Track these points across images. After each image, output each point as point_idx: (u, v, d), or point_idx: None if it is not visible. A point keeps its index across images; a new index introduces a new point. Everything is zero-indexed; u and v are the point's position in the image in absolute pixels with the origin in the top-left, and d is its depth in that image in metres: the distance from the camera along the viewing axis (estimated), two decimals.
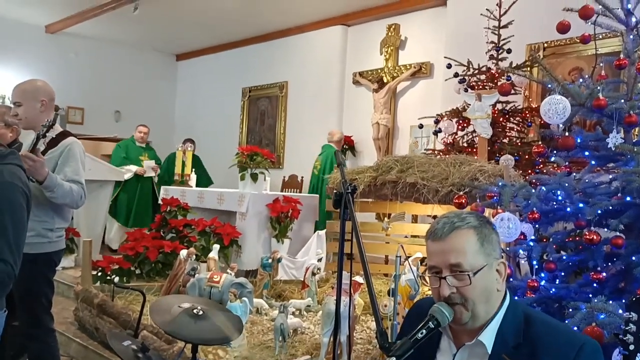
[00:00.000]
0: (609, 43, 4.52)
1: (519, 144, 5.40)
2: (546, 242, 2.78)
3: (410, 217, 6.16)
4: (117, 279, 4.74)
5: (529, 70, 5.51)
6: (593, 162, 2.79)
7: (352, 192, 1.78)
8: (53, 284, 2.95)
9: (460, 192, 4.15)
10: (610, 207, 2.45)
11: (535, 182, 2.88)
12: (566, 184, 2.65)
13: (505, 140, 5.43)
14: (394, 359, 1.29)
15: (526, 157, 5.09)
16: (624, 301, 2.27)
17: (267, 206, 5.77)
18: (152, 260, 5.13)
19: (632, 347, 1.33)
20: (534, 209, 2.61)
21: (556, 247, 2.73)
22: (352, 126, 7.97)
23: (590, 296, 2.37)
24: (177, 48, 11.04)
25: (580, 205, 2.55)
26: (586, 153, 2.77)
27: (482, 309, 1.37)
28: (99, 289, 4.41)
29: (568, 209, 2.61)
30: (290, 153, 9.23)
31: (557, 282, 2.64)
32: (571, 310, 2.24)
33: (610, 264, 2.51)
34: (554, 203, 2.68)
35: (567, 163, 2.90)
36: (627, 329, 1.35)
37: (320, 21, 8.61)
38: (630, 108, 2.57)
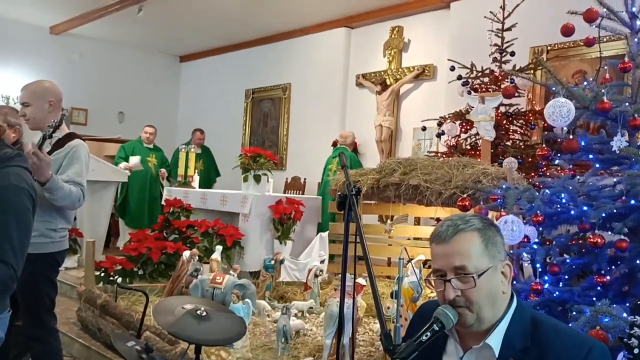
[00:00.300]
0: (613, 46, 4.50)
1: (522, 146, 5.40)
2: (550, 245, 2.77)
3: (413, 219, 6.15)
4: (120, 280, 4.76)
5: (532, 72, 5.51)
6: (597, 165, 2.78)
7: (356, 194, 1.77)
8: (56, 284, 2.95)
9: (463, 194, 4.14)
10: (615, 210, 2.45)
11: (539, 185, 2.88)
12: (570, 187, 2.64)
13: (509, 143, 5.43)
14: None
15: (529, 159, 5.08)
16: (628, 305, 2.27)
17: (270, 208, 5.77)
18: (155, 261, 5.15)
19: (636, 351, 1.32)
20: (538, 211, 2.60)
21: (560, 250, 2.72)
22: (355, 128, 7.96)
23: (594, 299, 2.36)
24: (180, 49, 11.06)
25: (585, 208, 2.54)
26: (590, 156, 2.76)
27: (487, 311, 1.37)
28: (102, 290, 4.42)
29: (572, 212, 2.60)
30: (293, 155, 9.23)
31: (561, 285, 2.63)
32: (575, 314, 2.24)
33: (614, 268, 2.50)
34: (558, 206, 2.67)
35: (571, 166, 2.89)
36: (631, 332, 1.35)
37: (324, 23, 8.62)
38: (635, 111, 2.56)
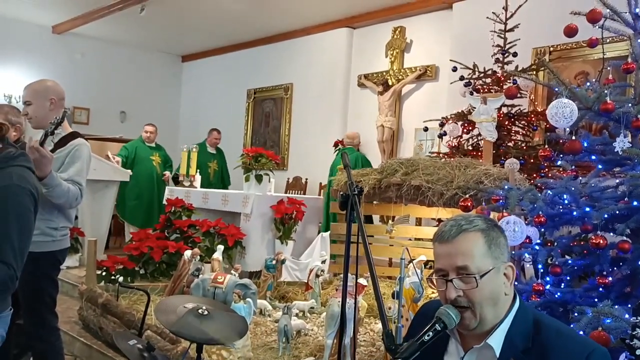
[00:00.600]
0: (616, 47, 4.50)
1: (524, 147, 5.39)
2: (552, 246, 2.77)
3: (414, 219, 6.15)
4: (121, 279, 4.76)
5: (535, 73, 5.50)
6: (600, 166, 2.77)
7: (359, 194, 1.77)
8: (57, 283, 2.95)
9: (465, 195, 4.13)
10: (617, 212, 2.44)
11: (542, 186, 2.87)
12: (572, 188, 2.64)
13: (511, 144, 5.42)
14: None
15: (531, 160, 5.08)
16: (630, 306, 2.27)
17: (272, 207, 5.77)
18: (157, 261, 5.15)
19: (638, 352, 1.32)
20: (540, 212, 2.60)
21: (562, 251, 2.72)
22: (356, 128, 7.96)
23: (596, 300, 2.36)
24: (182, 49, 11.07)
25: (587, 209, 2.54)
26: (593, 157, 2.75)
27: (489, 312, 1.36)
28: (104, 289, 4.42)
29: (574, 213, 2.59)
30: (294, 155, 9.23)
31: (563, 286, 2.62)
32: (577, 315, 2.23)
33: (616, 269, 2.50)
34: (560, 207, 2.67)
35: (573, 167, 2.88)
36: (634, 333, 1.34)
37: (326, 23, 8.62)
38: (638, 112, 2.55)
